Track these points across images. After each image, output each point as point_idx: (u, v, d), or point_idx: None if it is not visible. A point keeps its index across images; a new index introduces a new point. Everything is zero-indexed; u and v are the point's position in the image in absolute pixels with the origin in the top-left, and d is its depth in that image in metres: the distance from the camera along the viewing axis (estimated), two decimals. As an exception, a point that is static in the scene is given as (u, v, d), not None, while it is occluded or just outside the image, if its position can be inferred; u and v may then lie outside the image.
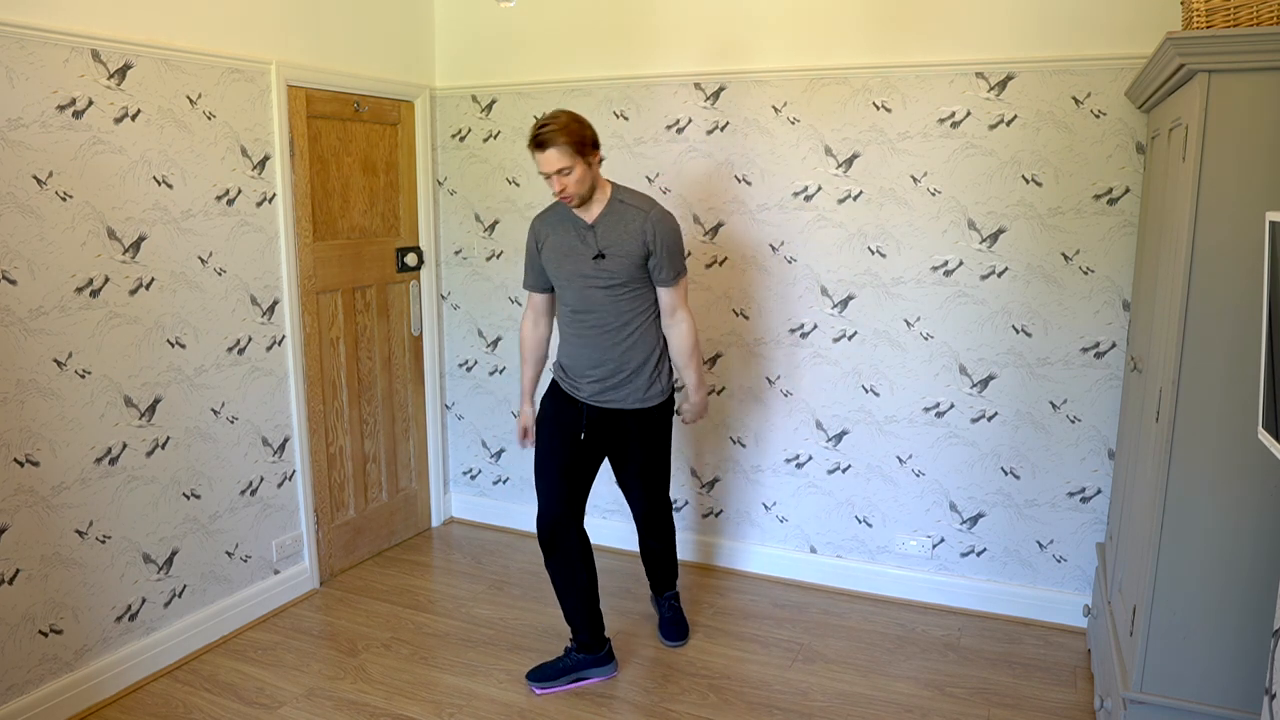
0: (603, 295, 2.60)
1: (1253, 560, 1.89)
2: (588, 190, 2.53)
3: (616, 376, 2.66)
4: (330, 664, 2.89)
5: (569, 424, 2.71)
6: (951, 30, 2.99)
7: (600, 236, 2.58)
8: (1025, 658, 2.95)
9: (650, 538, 2.98)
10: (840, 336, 3.31)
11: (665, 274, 2.64)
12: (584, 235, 2.60)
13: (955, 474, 3.23)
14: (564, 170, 2.45)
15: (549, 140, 2.41)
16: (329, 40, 3.29)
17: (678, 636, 3.02)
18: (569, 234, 2.62)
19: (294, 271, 3.20)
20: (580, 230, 2.60)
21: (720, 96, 3.34)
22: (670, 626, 3.04)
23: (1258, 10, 1.78)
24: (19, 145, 2.32)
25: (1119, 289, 2.92)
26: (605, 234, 2.58)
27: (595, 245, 2.58)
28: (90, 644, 2.62)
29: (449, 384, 4.08)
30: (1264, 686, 1.52)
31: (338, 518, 3.55)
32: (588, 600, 2.73)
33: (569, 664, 2.76)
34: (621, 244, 2.57)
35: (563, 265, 2.63)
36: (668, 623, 3.05)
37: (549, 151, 2.42)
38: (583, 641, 2.76)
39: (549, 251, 2.65)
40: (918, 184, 3.11)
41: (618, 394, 2.68)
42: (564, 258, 2.62)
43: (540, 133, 2.42)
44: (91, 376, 2.56)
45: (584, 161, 2.47)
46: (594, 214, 2.59)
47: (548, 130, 2.41)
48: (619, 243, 2.57)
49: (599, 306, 2.61)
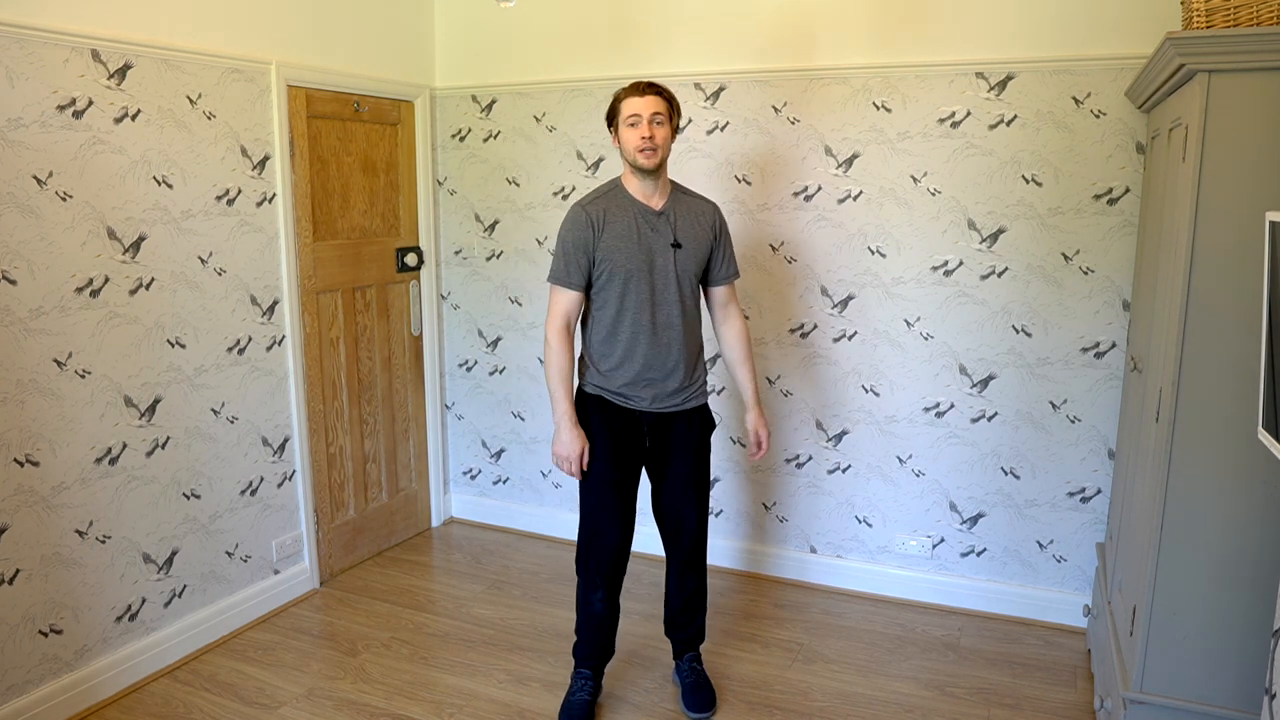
0: (674, 289, 2.42)
1: (1253, 560, 1.89)
2: (664, 157, 2.36)
3: (681, 377, 2.48)
4: (330, 664, 2.89)
5: (629, 441, 2.48)
6: (951, 30, 2.99)
7: (676, 225, 2.42)
8: (1025, 658, 2.95)
9: (691, 571, 2.63)
10: (840, 336, 3.31)
11: (729, 269, 2.56)
12: (654, 223, 2.40)
13: (955, 474, 3.23)
14: (659, 117, 2.31)
15: (657, 86, 2.34)
16: (329, 40, 3.29)
17: (708, 706, 2.61)
18: (634, 221, 2.39)
19: (294, 271, 3.20)
20: (649, 218, 2.40)
21: (720, 96, 3.34)
22: (700, 694, 2.63)
23: (1258, 10, 1.78)
24: (19, 145, 2.32)
25: (1119, 289, 2.92)
26: (679, 222, 2.43)
27: (671, 233, 2.41)
28: (90, 644, 2.62)
29: (449, 384, 4.08)
30: (1264, 686, 1.52)
31: (338, 518, 3.55)
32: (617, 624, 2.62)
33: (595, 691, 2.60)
34: (694, 234, 2.44)
35: (633, 255, 2.37)
36: (697, 688, 2.64)
37: (652, 96, 2.31)
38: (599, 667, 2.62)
39: (612, 238, 2.36)
40: (918, 184, 3.11)
41: (681, 395, 2.50)
42: (634, 247, 2.38)
43: (648, 81, 2.36)
44: (91, 376, 2.56)
45: (672, 126, 2.37)
46: (660, 201, 2.42)
47: (654, 81, 2.36)
48: (693, 232, 2.44)
49: (671, 301, 2.42)
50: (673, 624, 2.70)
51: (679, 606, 2.67)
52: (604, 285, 2.41)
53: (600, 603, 2.53)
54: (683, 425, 2.53)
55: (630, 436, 2.49)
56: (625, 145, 2.35)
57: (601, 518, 2.49)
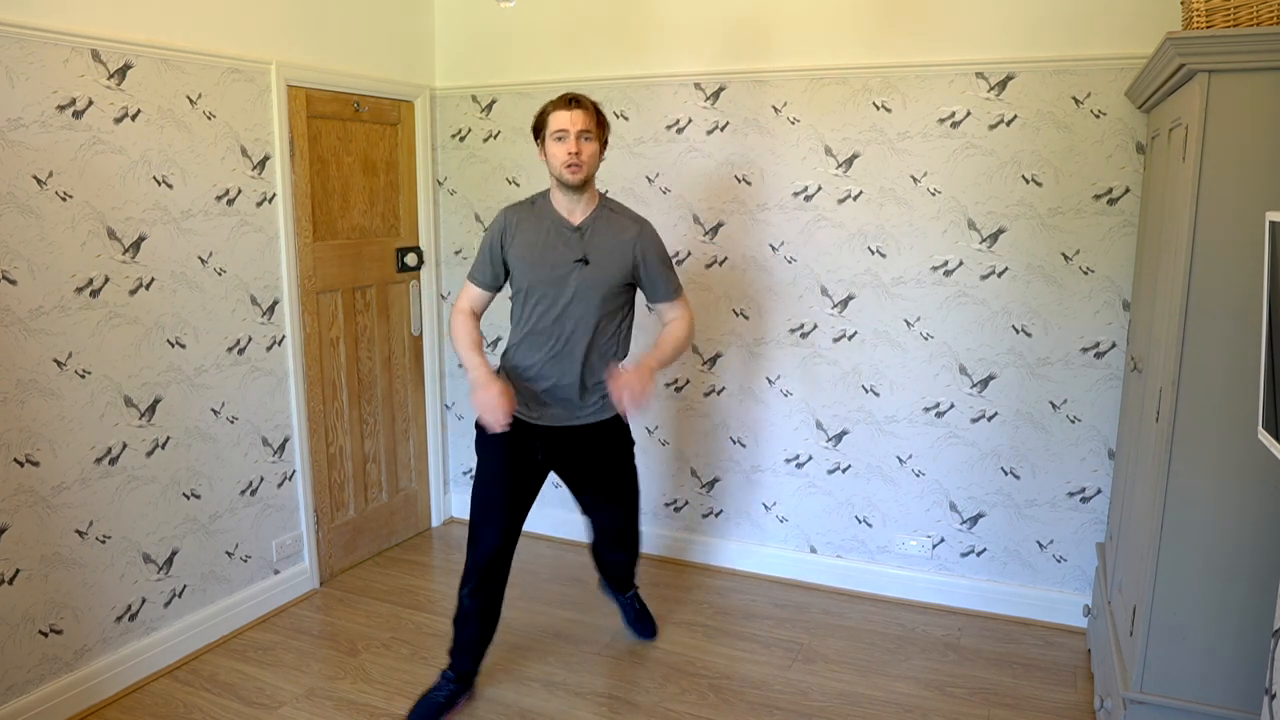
0: (577, 304, 2.40)
1: (1253, 560, 1.89)
2: (591, 174, 2.38)
3: (581, 392, 2.47)
4: (330, 664, 2.89)
5: (520, 449, 2.48)
6: (951, 30, 2.99)
7: (587, 240, 2.42)
8: (1025, 658, 2.95)
9: (618, 550, 2.84)
10: (840, 336, 3.31)
11: (666, 288, 2.52)
12: (567, 237, 2.41)
13: (955, 474, 3.23)
14: (586, 134, 2.33)
15: (583, 101, 2.35)
16: (329, 40, 3.29)
17: (653, 632, 3.05)
18: (547, 233, 2.42)
19: (294, 271, 3.20)
20: (563, 231, 2.42)
21: (720, 96, 3.34)
22: (643, 623, 3.04)
23: (1258, 10, 1.78)
24: (19, 145, 2.32)
25: (1119, 289, 2.92)
26: (592, 239, 2.42)
27: (580, 249, 2.41)
28: (90, 644, 2.62)
29: (449, 384, 4.08)
30: (1264, 686, 1.52)
31: (338, 518, 3.55)
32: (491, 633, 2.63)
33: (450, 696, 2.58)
34: (609, 252, 2.42)
35: (537, 266, 2.41)
36: (639, 618, 3.04)
37: (578, 111, 2.32)
38: (466, 674, 2.61)
39: (521, 247, 2.42)
40: (918, 184, 3.11)
41: (583, 410, 2.50)
42: (540, 258, 2.41)
43: (574, 94, 2.36)
44: (91, 376, 2.56)
45: (600, 141, 2.38)
46: (580, 217, 2.43)
47: (581, 95, 2.37)
48: (606, 250, 2.42)
49: (574, 316, 2.41)
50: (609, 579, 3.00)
51: (610, 570, 2.94)
52: (515, 293, 2.51)
53: (467, 598, 2.54)
54: (597, 439, 2.56)
55: (524, 447, 2.49)
56: (551, 160, 2.37)
57: (484, 519, 2.51)
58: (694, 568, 3.63)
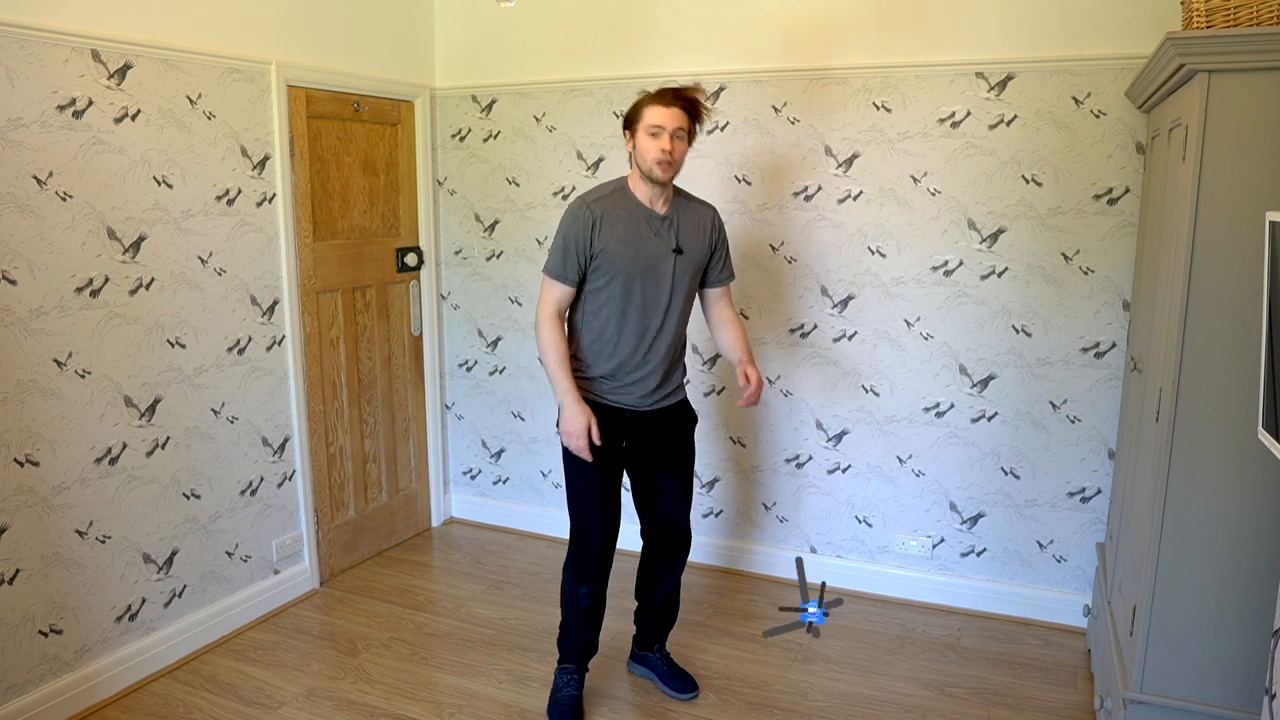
0: (671, 293, 2.42)
1: (1253, 560, 1.89)
2: (678, 172, 2.38)
3: (661, 377, 2.49)
4: (330, 664, 2.89)
5: (608, 443, 2.47)
6: (951, 30, 2.99)
7: (678, 230, 2.43)
8: (1025, 658, 2.95)
9: (674, 557, 2.67)
10: (840, 336, 3.31)
11: (725, 271, 2.58)
12: (657, 228, 2.40)
13: (955, 474, 3.23)
14: (680, 133, 2.32)
15: (683, 98, 2.32)
16: (329, 40, 3.29)
17: (694, 686, 2.73)
18: (637, 224, 2.38)
19: (294, 271, 3.20)
20: (652, 222, 2.40)
21: (720, 96, 3.34)
22: (682, 677, 2.75)
23: (1258, 10, 1.78)
24: (19, 145, 2.32)
25: (1119, 289, 2.92)
26: (682, 228, 2.44)
27: (673, 239, 2.41)
28: (90, 644, 2.62)
29: (449, 384, 4.08)
30: (1264, 686, 1.52)
31: (338, 518, 3.55)
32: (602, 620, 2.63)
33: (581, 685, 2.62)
34: (695, 239, 2.46)
35: (635, 259, 2.37)
36: (676, 671, 2.76)
37: (677, 110, 2.30)
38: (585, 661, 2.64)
39: (611, 239, 2.35)
40: (918, 184, 3.11)
41: (664, 390, 2.52)
42: (636, 250, 2.37)
43: (682, 89, 2.34)
44: (91, 376, 2.56)
45: (690, 141, 2.38)
46: (664, 207, 2.43)
47: (690, 91, 2.35)
48: (693, 238, 2.45)
49: (668, 304, 2.43)
50: (652, 612, 2.74)
51: (662, 603, 2.71)
52: (600, 286, 2.40)
53: (587, 597, 2.54)
54: (664, 422, 2.56)
55: (615, 434, 2.50)
56: (643, 154, 2.33)
57: (589, 515, 2.51)
58: (694, 568, 3.63)
